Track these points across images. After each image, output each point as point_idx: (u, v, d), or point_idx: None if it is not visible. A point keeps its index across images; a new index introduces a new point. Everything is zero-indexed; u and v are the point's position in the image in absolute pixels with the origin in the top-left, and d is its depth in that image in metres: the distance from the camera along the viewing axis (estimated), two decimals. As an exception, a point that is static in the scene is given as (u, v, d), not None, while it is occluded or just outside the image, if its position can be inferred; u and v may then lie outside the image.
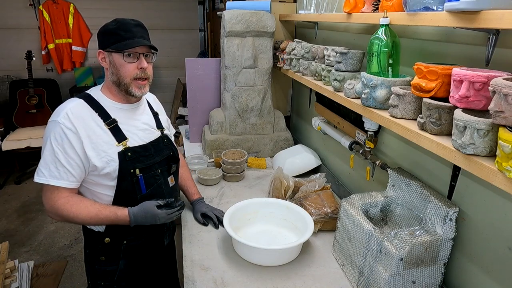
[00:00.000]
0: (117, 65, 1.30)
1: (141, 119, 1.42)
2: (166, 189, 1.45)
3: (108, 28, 1.30)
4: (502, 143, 0.71)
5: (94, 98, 1.33)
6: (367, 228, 1.21)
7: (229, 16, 2.18)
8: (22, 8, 4.68)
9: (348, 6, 1.39)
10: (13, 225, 3.40)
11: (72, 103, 1.30)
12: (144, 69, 1.32)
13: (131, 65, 1.30)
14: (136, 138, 1.37)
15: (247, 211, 1.61)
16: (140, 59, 1.30)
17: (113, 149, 1.30)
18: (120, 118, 1.34)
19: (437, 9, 0.95)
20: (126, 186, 1.33)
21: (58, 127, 1.24)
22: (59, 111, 1.27)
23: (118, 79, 1.31)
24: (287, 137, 2.45)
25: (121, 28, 1.29)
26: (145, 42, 1.30)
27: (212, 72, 2.51)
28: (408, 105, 1.07)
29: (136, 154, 1.34)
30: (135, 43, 1.27)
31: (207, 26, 5.14)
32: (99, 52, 1.34)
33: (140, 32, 1.31)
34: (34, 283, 2.52)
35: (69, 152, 1.24)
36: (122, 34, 1.28)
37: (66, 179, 1.25)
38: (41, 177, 1.25)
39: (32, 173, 1.32)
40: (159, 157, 1.42)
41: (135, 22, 1.32)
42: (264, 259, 1.39)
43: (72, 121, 1.24)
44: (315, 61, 1.76)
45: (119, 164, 1.30)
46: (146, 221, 1.33)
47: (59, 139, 1.23)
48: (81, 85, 4.89)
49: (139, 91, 1.33)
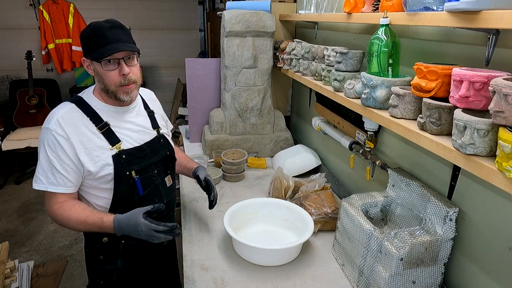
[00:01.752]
0: (100, 73, 1.26)
1: (135, 121, 1.40)
2: (163, 189, 1.45)
3: (84, 35, 1.25)
4: (502, 143, 0.71)
5: (86, 101, 1.31)
6: (367, 228, 1.21)
7: (229, 16, 2.18)
8: (22, 8, 4.68)
9: (348, 6, 1.39)
10: (13, 225, 3.40)
11: (63, 108, 1.27)
12: (126, 75, 1.26)
13: (113, 73, 1.25)
14: (130, 140, 1.35)
15: (247, 211, 1.61)
16: (120, 65, 1.24)
17: (107, 153, 1.28)
18: (112, 121, 1.32)
19: (437, 9, 0.95)
20: (123, 188, 1.32)
21: (50, 134, 1.23)
22: (51, 118, 1.25)
23: (104, 87, 1.28)
24: (287, 137, 2.45)
25: (95, 34, 1.22)
26: (120, 47, 1.22)
27: (212, 72, 2.51)
28: (408, 105, 1.07)
29: (131, 156, 1.33)
30: (110, 50, 1.21)
31: (207, 26, 5.14)
32: (83, 60, 1.30)
33: (117, 35, 1.23)
34: (34, 283, 2.52)
35: (63, 158, 1.24)
36: (97, 41, 1.22)
37: (63, 185, 1.25)
38: (39, 184, 1.26)
39: (32, 173, 1.33)
40: (155, 158, 1.41)
41: (110, 24, 1.24)
42: (264, 259, 1.39)
43: (63, 127, 1.23)
44: (315, 61, 1.76)
45: (114, 167, 1.29)
46: (129, 230, 1.22)
47: (52, 146, 1.23)
48: (81, 85, 4.89)
49: (128, 96, 1.30)
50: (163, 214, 1.48)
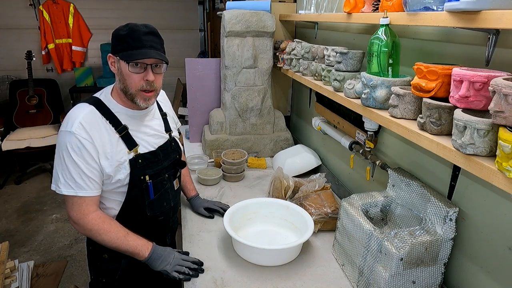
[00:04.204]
0: (124, 73, 1.24)
1: (151, 125, 1.40)
2: (171, 192, 1.47)
3: (119, 34, 1.24)
4: (502, 143, 0.71)
5: (104, 104, 1.30)
6: (367, 228, 1.21)
7: (229, 16, 2.18)
8: (22, 8, 4.68)
9: (348, 6, 1.39)
10: (13, 225, 3.40)
11: (84, 111, 1.25)
12: (150, 82, 1.25)
13: (137, 76, 1.23)
14: (146, 144, 1.35)
15: (247, 211, 1.61)
16: (147, 71, 1.24)
17: (125, 157, 1.29)
18: (130, 124, 1.32)
19: (437, 9, 0.95)
20: (135, 192, 1.33)
21: (73, 137, 1.20)
22: (72, 120, 1.23)
23: (124, 88, 1.27)
24: (287, 137, 2.45)
25: (131, 35, 1.22)
26: (153, 54, 1.22)
27: (212, 72, 2.51)
28: (408, 105, 1.07)
29: (146, 160, 1.33)
30: (141, 54, 1.21)
31: (207, 26, 5.13)
32: (109, 56, 1.29)
33: (151, 42, 1.23)
34: (34, 283, 2.51)
35: (89, 162, 1.22)
36: (131, 43, 1.21)
37: (93, 189, 1.25)
38: (68, 190, 1.23)
39: (32, 173, 1.33)
40: (167, 162, 1.42)
41: (147, 29, 1.24)
42: (264, 259, 1.39)
43: (87, 130, 1.21)
44: (315, 61, 1.76)
45: (130, 171, 1.29)
46: (161, 256, 1.31)
47: (77, 150, 1.21)
48: (81, 85, 4.88)
49: (145, 102, 1.28)
50: (168, 215, 1.49)
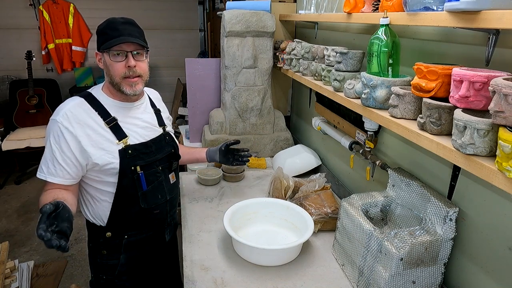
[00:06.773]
0: (107, 64, 1.30)
1: (141, 117, 1.42)
2: (167, 186, 1.47)
3: (99, 28, 1.31)
4: (502, 143, 0.71)
5: (94, 96, 1.35)
6: (367, 228, 1.21)
7: (229, 16, 2.18)
8: (22, 8, 4.68)
9: (348, 6, 1.39)
10: (13, 225, 3.40)
11: (72, 102, 1.31)
12: (131, 68, 1.29)
13: (119, 64, 1.29)
14: (136, 135, 1.38)
15: (247, 211, 1.61)
16: (128, 58, 1.28)
17: (114, 147, 1.31)
18: (120, 116, 1.35)
19: (437, 9, 0.95)
20: (126, 182, 1.34)
21: (56, 125, 1.26)
22: (59, 110, 1.29)
23: (110, 79, 1.32)
24: (287, 137, 2.45)
25: (109, 26, 1.28)
26: (130, 39, 1.26)
27: (212, 72, 2.51)
28: (408, 105, 1.07)
29: (136, 151, 1.35)
30: (119, 40, 1.25)
31: (207, 26, 5.13)
32: (96, 54, 1.35)
33: (128, 30, 1.28)
34: (34, 283, 2.52)
35: (65, 151, 1.26)
36: (109, 33, 1.27)
37: (61, 177, 1.28)
38: (41, 173, 1.30)
39: (32, 173, 1.34)
40: (160, 155, 1.44)
41: (124, 19, 1.30)
42: (264, 259, 1.39)
43: (70, 120, 1.26)
44: (315, 61, 1.76)
45: (120, 161, 1.31)
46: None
47: (57, 138, 1.26)
48: (81, 85, 4.89)
49: (131, 89, 1.32)
50: (165, 209, 1.49)
